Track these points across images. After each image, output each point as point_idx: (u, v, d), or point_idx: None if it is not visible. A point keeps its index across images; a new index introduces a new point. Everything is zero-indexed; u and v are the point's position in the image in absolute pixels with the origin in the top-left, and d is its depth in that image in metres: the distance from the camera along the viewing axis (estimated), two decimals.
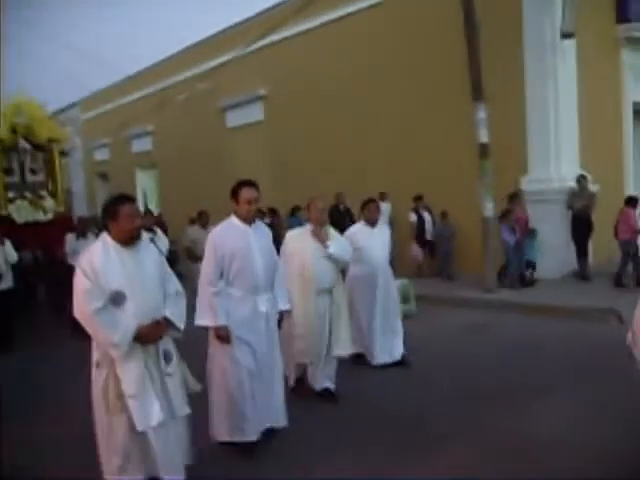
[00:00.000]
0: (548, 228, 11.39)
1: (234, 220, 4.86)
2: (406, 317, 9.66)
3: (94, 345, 3.85)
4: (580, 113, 11.99)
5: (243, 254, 4.71)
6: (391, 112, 14.23)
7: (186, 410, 4.03)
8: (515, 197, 11.23)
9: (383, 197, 12.77)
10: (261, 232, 4.98)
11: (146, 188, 25.52)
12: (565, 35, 11.25)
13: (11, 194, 12.35)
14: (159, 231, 10.32)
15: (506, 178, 11.69)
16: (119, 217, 3.85)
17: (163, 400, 3.85)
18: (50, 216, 12.48)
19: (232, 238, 4.75)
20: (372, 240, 6.91)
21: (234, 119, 19.58)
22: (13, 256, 9.41)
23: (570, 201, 11.14)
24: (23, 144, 12.59)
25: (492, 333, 8.47)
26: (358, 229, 7.03)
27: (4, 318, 9.19)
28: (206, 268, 4.73)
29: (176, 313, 4.03)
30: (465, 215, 12.29)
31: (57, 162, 13.08)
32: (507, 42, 11.82)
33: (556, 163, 11.80)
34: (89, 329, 3.74)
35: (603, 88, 12.52)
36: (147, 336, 3.81)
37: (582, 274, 11.07)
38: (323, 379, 5.91)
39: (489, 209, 10.93)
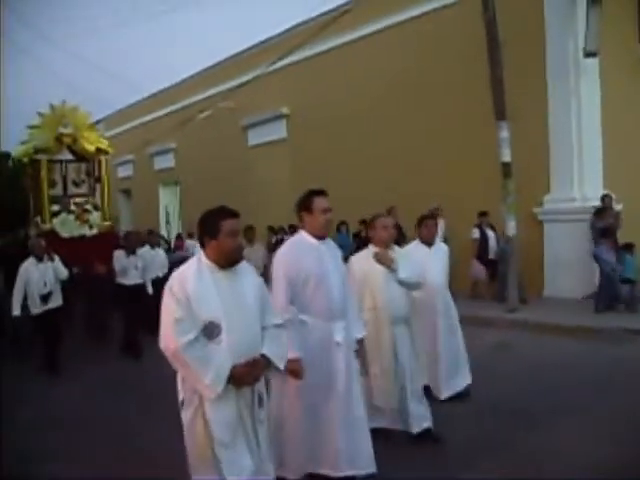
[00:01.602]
0: (570, 247, 11.32)
1: (305, 236, 4.27)
2: None
3: (179, 381, 3.36)
4: (603, 132, 11.93)
5: (319, 275, 4.12)
6: (414, 130, 14.26)
7: (271, 466, 3.46)
8: (606, 211, 10.69)
9: (437, 213, 11.36)
10: (333, 249, 4.39)
11: (168, 205, 25.79)
12: (588, 54, 11.25)
13: (55, 207, 11.85)
14: None
15: (529, 197, 11.67)
16: (220, 234, 3.32)
17: (254, 451, 3.32)
18: (95, 231, 11.92)
19: (305, 257, 4.15)
20: (429, 261, 6.04)
21: (256, 137, 19.74)
22: (63, 272, 8.88)
23: (594, 220, 11.05)
24: (66, 155, 12.16)
25: (515, 353, 8.41)
26: (413, 248, 6.17)
27: (52, 338, 8.70)
28: (277, 293, 4.07)
29: (276, 350, 3.42)
30: None
31: (105, 174, 12.59)
32: (530, 61, 11.84)
33: (579, 182, 11.75)
34: (176, 364, 3.24)
35: (626, 106, 12.43)
36: (243, 377, 3.24)
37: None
38: (418, 421, 5.11)
39: (512, 228, 10.88)
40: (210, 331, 3.20)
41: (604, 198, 11.07)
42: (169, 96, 23.71)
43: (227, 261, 3.36)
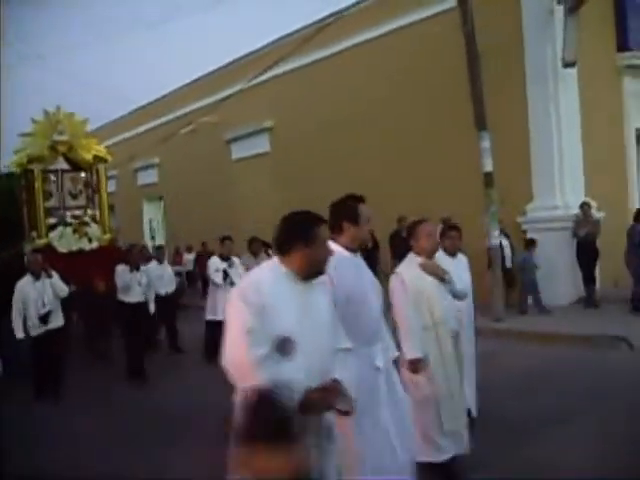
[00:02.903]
0: (554, 255, 11.39)
1: (338, 248, 3.58)
2: None
3: (238, 409, 2.60)
4: (583, 140, 12.07)
5: (361, 294, 3.60)
6: (396, 143, 14.34)
7: None
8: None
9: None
10: (363, 263, 3.85)
11: (153, 220, 25.69)
12: (567, 64, 11.37)
13: (52, 220, 11.06)
14: (236, 260, 9.54)
15: (511, 206, 11.75)
16: (317, 241, 2.91)
17: None
18: (95, 245, 11.14)
19: (346, 273, 3.56)
20: (455, 271, 5.46)
21: (240, 151, 19.76)
22: (63, 289, 8.09)
23: (575, 228, 11.15)
24: (62, 164, 11.39)
25: (502, 362, 8.40)
26: (439, 259, 5.41)
27: (52, 362, 7.94)
28: None
29: (347, 376, 2.96)
30: (471, 244, 12.28)
31: (103, 184, 11.82)
32: (509, 72, 11.96)
33: (561, 190, 11.85)
34: (244, 381, 2.66)
35: (605, 115, 12.60)
36: (316, 404, 2.71)
37: (589, 301, 11.03)
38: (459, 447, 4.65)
39: (495, 237, 10.94)
40: (283, 347, 2.74)
41: (583, 206, 11.18)
42: (152, 111, 23.69)
43: (316, 271, 2.96)
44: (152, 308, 9.39)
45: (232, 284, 9.01)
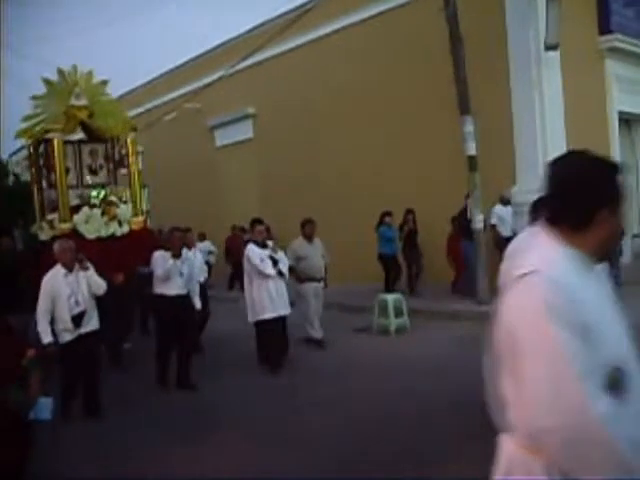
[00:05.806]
0: None
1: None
2: (399, 331, 9.72)
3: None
4: (567, 123, 12.08)
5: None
6: (379, 128, 14.30)
7: None
8: None
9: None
10: None
11: None
12: (549, 47, 11.37)
13: (75, 201, 9.39)
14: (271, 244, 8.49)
15: (495, 190, 11.76)
16: (621, 206, 1.87)
17: None
18: (126, 229, 9.32)
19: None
20: None
21: (223, 138, 19.65)
22: (100, 285, 6.76)
23: None
24: (80, 134, 9.94)
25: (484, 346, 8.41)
26: None
27: (89, 371, 6.66)
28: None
29: None
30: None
31: (133, 157, 9.96)
32: (492, 55, 11.93)
33: (544, 174, 11.86)
34: (575, 447, 1.67)
35: (588, 98, 12.64)
36: None
37: None
38: None
39: (479, 221, 10.96)
40: (616, 385, 1.73)
41: None
42: (134, 99, 23.45)
43: (609, 251, 1.98)
44: (198, 303, 8.00)
45: (281, 274, 8.23)
